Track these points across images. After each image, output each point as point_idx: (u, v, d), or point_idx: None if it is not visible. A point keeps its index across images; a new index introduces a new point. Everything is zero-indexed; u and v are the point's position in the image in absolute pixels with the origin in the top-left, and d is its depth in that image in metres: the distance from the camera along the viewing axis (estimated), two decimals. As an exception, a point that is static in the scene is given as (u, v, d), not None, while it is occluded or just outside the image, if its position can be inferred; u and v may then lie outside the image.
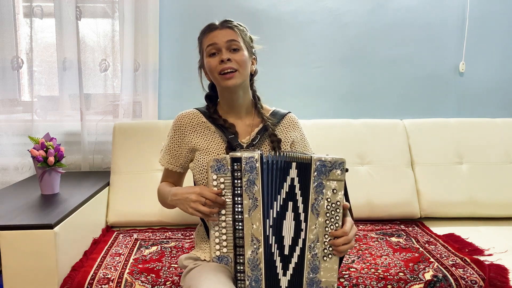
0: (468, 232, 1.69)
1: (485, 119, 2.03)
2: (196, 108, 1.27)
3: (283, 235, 1.06)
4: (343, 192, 1.05)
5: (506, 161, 1.94)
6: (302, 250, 1.05)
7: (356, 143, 1.92)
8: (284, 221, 1.06)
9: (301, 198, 1.05)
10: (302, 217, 1.05)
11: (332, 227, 1.04)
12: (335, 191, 1.04)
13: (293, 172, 1.05)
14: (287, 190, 1.05)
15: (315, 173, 1.04)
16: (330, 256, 1.05)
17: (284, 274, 1.06)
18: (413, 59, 2.15)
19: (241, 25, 1.20)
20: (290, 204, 1.06)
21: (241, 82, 1.17)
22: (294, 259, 1.06)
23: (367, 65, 2.14)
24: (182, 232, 1.73)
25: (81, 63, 1.97)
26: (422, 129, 1.99)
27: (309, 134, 1.89)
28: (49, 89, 2.06)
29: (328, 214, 1.04)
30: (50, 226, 1.24)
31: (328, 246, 1.04)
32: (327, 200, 1.04)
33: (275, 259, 1.05)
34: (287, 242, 1.06)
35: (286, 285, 1.06)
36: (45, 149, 1.54)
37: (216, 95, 1.27)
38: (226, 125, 1.20)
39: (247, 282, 1.04)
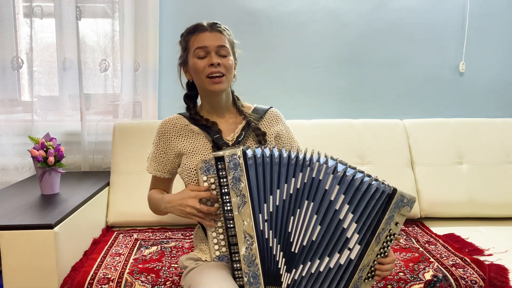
0: (468, 232, 1.69)
1: (485, 119, 2.03)
2: (178, 113, 1.27)
3: (289, 231, 1.04)
4: (401, 226, 1.07)
5: (506, 161, 1.94)
6: (351, 268, 1.04)
7: (356, 143, 1.92)
8: (293, 217, 1.04)
9: (351, 214, 1.02)
10: (353, 236, 1.03)
11: (382, 255, 1.08)
12: (397, 224, 1.06)
13: (323, 177, 1.03)
14: (298, 187, 1.04)
15: (393, 206, 1.03)
16: (369, 279, 1.08)
17: (289, 271, 1.05)
18: (413, 59, 2.15)
19: (228, 29, 1.21)
20: (310, 205, 1.03)
21: (227, 87, 1.20)
22: (319, 267, 1.04)
23: (367, 65, 2.14)
24: (182, 232, 1.73)
25: (81, 63, 1.97)
26: (422, 129, 1.99)
27: (309, 134, 1.92)
28: (49, 89, 2.06)
29: (384, 244, 1.06)
30: (50, 226, 1.24)
31: (371, 271, 1.07)
32: (389, 231, 1.05)
33: (274, 253, 1.04)
34: (298, 240, 1.04)
35: (289, 282, 1.05)
36: (45, 149, 1.54)
37: (195, 95, 1.27)
38: (209, 124, 1.21)
39: (245, 279, 1.03)
